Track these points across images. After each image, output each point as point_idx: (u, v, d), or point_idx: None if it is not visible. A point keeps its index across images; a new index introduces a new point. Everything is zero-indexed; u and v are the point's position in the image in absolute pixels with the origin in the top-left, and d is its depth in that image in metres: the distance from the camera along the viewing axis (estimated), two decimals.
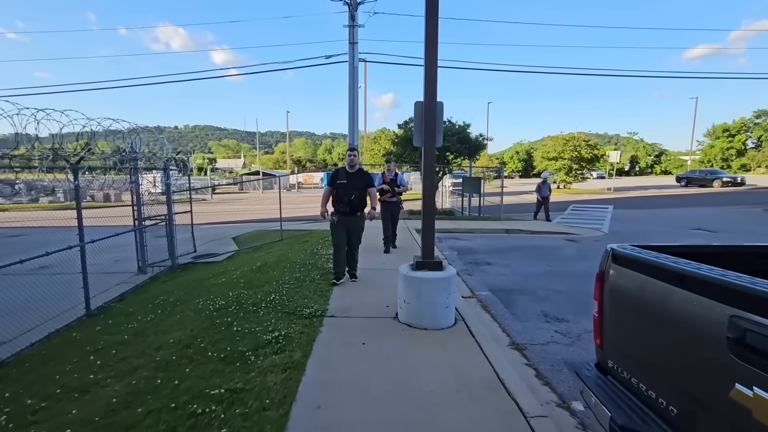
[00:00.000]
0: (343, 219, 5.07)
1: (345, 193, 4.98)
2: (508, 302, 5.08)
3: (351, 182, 5.03)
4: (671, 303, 1.50)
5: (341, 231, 5.08)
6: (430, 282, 3.66)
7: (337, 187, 4.99)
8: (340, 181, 5.01)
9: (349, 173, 5.11)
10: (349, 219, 5.08)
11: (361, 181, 5.11)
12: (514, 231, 11.08)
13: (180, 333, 4.00)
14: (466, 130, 14.28)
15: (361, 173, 5.25)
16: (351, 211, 5.05)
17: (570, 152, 29.72)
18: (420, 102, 3.82)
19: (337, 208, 5.06)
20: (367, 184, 5.17)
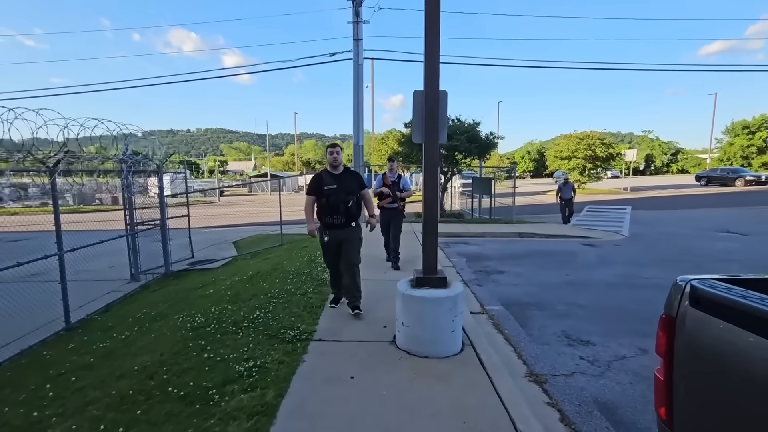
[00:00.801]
0: (335, 234, 4.02)
1: (339, 200, 3.95)
2: (523, 319, 4.49)
3: (343, 185, 4.00)
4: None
5: (334, 248, 4.11)
6: (432, 302, 3.11)
7: (327, 195, 3.97)
8: (328, 186, 3.98)
9: (336, 175, 4.06)
10: (344, 232, 4.05)
11: (355, 182, 4.17)
12: (527, 235, 10.43)
13: (149, 357, 3.53)
14: (475, 129, 13.66)
15: (351, 173, 4.23)
16: (347, 222, 4.03)
17: (584, 151, 28.79)
18: (419, 91, 3.28)
19: (328, 221, 4.00)
20: (361, 186, 4.23)
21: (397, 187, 6.29)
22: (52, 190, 5.38)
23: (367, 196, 4.27)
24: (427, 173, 3.29)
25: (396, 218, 6.41)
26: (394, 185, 6.28)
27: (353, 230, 4.13)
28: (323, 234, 4.05)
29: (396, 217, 6.41)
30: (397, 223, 6.42)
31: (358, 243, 4.21)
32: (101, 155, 6.38)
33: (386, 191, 6.18)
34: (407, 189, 6.42)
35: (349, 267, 4.08)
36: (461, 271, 6.62)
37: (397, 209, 6.33)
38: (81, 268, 8.28)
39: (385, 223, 6.43)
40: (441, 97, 3.23)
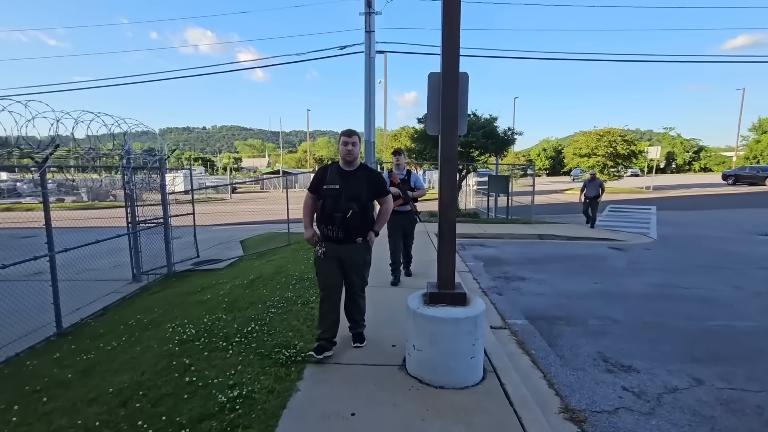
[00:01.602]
0: (334, 249, 3.06)
1: (337, 205, 2.94)
2: (551, 336, 3.97)
3: (348, 187, 2.96)
4: None
5: (332, 267, 3.09)
6: (449, 324, 2.62)
7: (325, 196, 3.00)
8: (330, 185, 2.98)
9: (345, 173, 3.04)
10: (345, 250, 3.05)
11: (366, 184, 3.04)
12: (548, 236, 9.82)
13: (128, 376, 3.15)
14: (492, 124, 13.04)
15: (367, 173, 3.12)
16: (347, 237, 3.00)
17: (604, 148, 27.76)
18: (435, 73, 2.78)
19: (324, 231, 3.06)
20: (376, 190, 3.12)
21: (407, 186, 5.10)
22: (42, 186, 5.06)
23: (386, 206, 3.24)
24: (443, 170, 2.80)
25: (409, 224, 5.22)
26: (404, 183, 5.09)
27: (357, 249, 3.08)
28: (318, 246, 3.09)
29: (408, 223, 5.22)
30: (410, 230, 5.29)
31: (363, 266, 3.19)
32: (95, 151, 6.04)
33: (395, 191, 4.90)
34: (420, 187, 5.20)
35: (353, 293, 3.28)
36: (478, 277, 6.10)
37: (410, 213, 5.13)
38: (85, 267, 8.04)
39: (394, 229, 5.17)
40: (461, 79, 2.73)
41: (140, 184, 7.81)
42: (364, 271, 3.23)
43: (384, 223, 3.22)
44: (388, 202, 3.24)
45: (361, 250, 3.13)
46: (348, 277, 3.18)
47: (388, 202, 3.24)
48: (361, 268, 3.19)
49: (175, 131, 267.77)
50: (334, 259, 3.09)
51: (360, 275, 3.21)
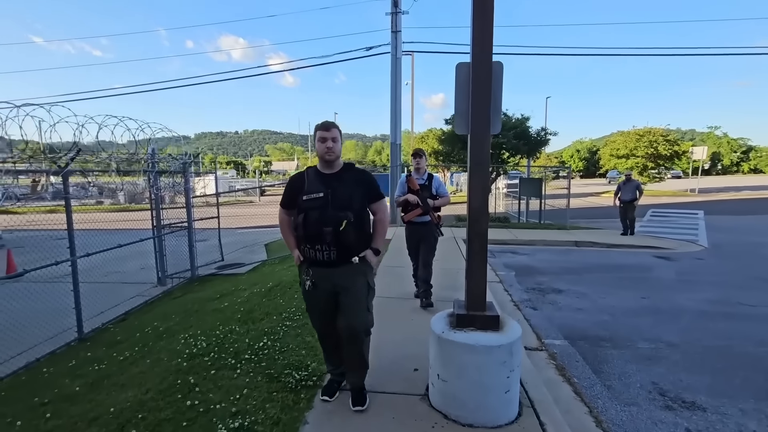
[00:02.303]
0: (326, 276, 2.37)
1: (325, 217, 2.28)
2: (595, 361, 3.51)
3: (336, 192, 2.31)
4: None
5: (327, 300, 2.42)
6: (480, 352, 2.26)
7: (307, 209, 2.32)
8: (310, 195, 2.32)
9: (327, 176, 2.38)
10: (341, 274, 2.36)
11: (359, 189, 2.39)
12: (585, 243, 9.17)
13: (132, 393, 2.98)
14: (524, 124, 12.43)
15: (355, 174, 2.45)
16: (342, 256, 2.32)
17: (644, 149, 26.32)
18: (465, 63, 2.43)
19: (309, 253, 2.35)
20: (369, 192, 2.44)
21: (427, 192, 4.28)
22: (64, 191, 5.05)
23: (381, 215, 2.49)
24: (474, 175, 2.45)
25: (427, 237, 4.35)
26: (424, 189, 4.28)
27: (356, 271, 2.36)
28: (304, 275, 2.41)
29: (427, 236, 4.34)
30: (430, 244, 4.38)
31: (366, 293, 2.43)
32: (118, 156, 6.03)
33: (412, 199, 4.17)
34: (443, 194, 4.38)
35: (352, 334, 2.39)
36: (510, 289, 5.65)
37: (430, 224, 4.29)
38: (113, 269, 8.18)
39: (412, 243, 4.54)
40: (495, 70, 2.37)
41: (167, 188, 7.86)
42: (367, 299, 2.43)
43: (383, 237, 2.50)
44: (382, 210, 2.50)
45: (361, 271, 2.39)
46: (346, 310, 2.39)
47: (382, 210, 2.50)
48: (364, 295, 2.40)
49: (209, 136, 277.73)
50: (327, 289, 2.38)
51: (362, 305, 2.40)
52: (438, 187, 4.40)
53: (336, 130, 2.37)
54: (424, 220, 4.29)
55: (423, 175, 4.42)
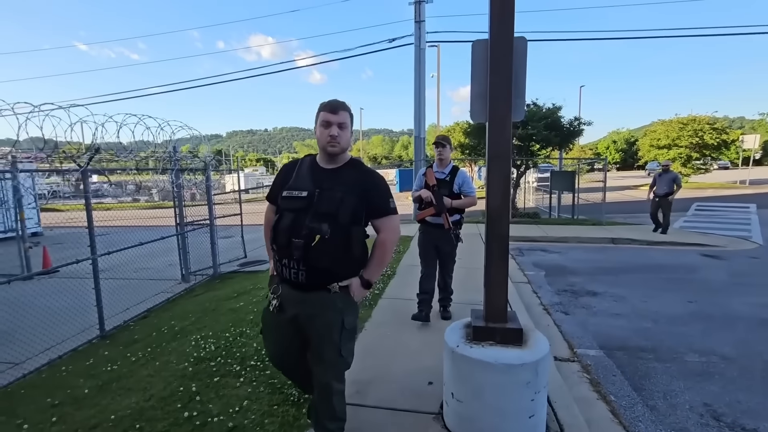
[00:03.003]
0: (290, 298, 1.83)
1: (298, 225, 1.74)
2: (636, 376, 3.12)
3: (324, 194, 1.77)
4: None
5: (286, 331, 1.91)
6: (499, 372, 1.97)
7: (283, 209, 1.84)
8: (291, 192, 1.82)
9: (324, 171, 1.85)
10: (309, 303, 1.80)
11: (355, 192, 1.79)
12: (622, 241, 8.55)
13: (136, 399, 2.90)
14: (556, 114, 11.77)
15: (359, 172, 1.86)
16: (312, 280, 1.76)
17: (689, 138, 24.63)
18: (482, 41, 2.12)
19: (278, 266, 1.86)
20: (371, 203, 1.83)
21: (446, 189, 3.56)
22: (84, 189, 5.08)
23: (386, 235, 1.86)
24: (492, 169, 2.14)
25: (442, 243, 3.65)
26: (442, 185, 3.56)
27: (328, 302, 1.79)
28: (271, 292, 1.90)
29: (442, 242, 3.64)
30: (446, 252, 3.72)
31: (341, 335, 1.82)
32: (136, 155, 6.06)
33: (425, 195, 3.53)
34: (468, 192, 3.63)
35: (320, 384, 1.88)
36: (539, 290, 5.26)
37: (446, 226, 3.52)
38: (141, 265, 8.33)
39: (425, 247, 3.80)
40: (517, 46, 2.05)
41: (190, 186, 7.93)
42: (341, 343, 1.82)
43: (381, 265, 1.89)
44: (390, 229, 1.86)
45: (338, 305, 1.79)
46: (313, 351, 1.85)
47: (390, 229, 1.86)
48: (336, 337, 1.80)
49: (240, 134, 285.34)
50: (291, 317, 1.82)
51: (334, 350, 1.81)
52: (462, 183, 3.62)
53: (346, 113, 1.81)
54: (440, 222, 3.57)
55: (446, 168, 3.71)
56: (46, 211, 16.59)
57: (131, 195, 29.71)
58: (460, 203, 3.61)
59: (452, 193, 3.59)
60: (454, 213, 3.61)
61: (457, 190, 3.62)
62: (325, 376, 1.85)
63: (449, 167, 3.74)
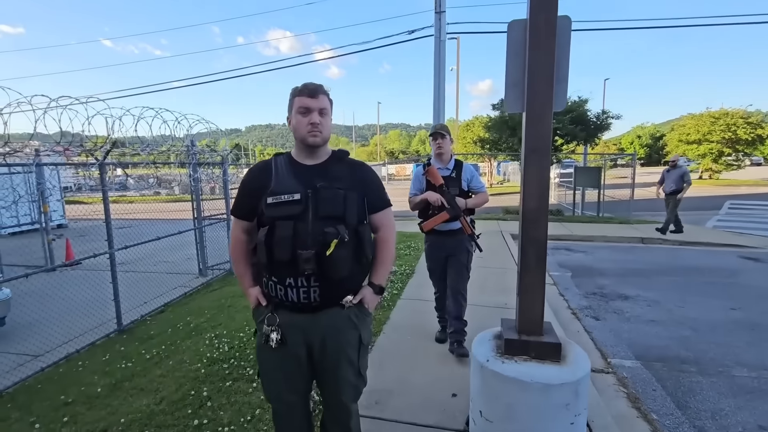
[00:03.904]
0: (294, 325, 1.51)
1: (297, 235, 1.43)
2: (678, 391, 2.86)
3: (317, 195, 1.47)
4: None
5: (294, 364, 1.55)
6: (535, 392, 1.77)
7: (274, 218, 1.46)
8: (278, 197, 1.46)
9: (309, 168, 1.55)
10: (323, 325, 1.52)
11: (353, 190, 1.54)
12: (653, 240, 8.14)
13: (147, 401, 2.82)
14: (582, 108, 11.30)
15: (347, 164, 1.62)
16: (323, 299, 1.49)
17: (720, 133, 23.53)
18: (520, 21, 1.90)
19: (272, 289, 1.52)
20: (369, 195, 1.61)
21: (456, 188, 2.98)
22: (101, 183, 5.05)
23: (387, 232, 1.68)
24: (530, 164, 1.92)
25: (458, 254, 3.06)
26: (450, 184, 2.97)
27: (343, 319, 1.55)
28: (266, 324, 1.52)
29: (458, 252, 3.06)
30: (461, 263, 3.07)
31: (356, 351, 1.60)
32: (155, 149, 6.03)
33: (434, 199, 2.88)
34: (477, 188, 3.07)
35: (337, 409, 1.66)
36: (566, 293, 4.99)
37: (461, 234, 2.98)
38: (162, 259, 8.39)
39: (434, 260, 3.23)
40: (561, 26, 1.82)
41: (208, 180, 7.92)
42: (360, 361, 1.61)
43: (388, 266, 1.68)
44: (389, 225, 1.68)
45: (351, 322, 1.56)
46: (329, 377, 1.59)
47: (389, 225, 1.68)
48: (355, 356, 1.59)
49: (258, 128, 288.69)
50: (298, 349, 1.53)
51: (353, 370, 1.59)
52: (470, 179, 3.05)
53: (325, 97, 1.54)
54: (452, 228, 2.96)
55: (448, 164, 3.07)
56: (72, 204, 16.99)
57: (153, 188, 30.29)
58: (473, 202, 3.02)
59: (462, 191, 3.02)
60: (468, 214, 3.04)
61: (466, 187, 3.05)
62: (342, 398, 1.61)
63: (451, 162, 3.11)
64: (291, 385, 1.59)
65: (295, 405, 1.63)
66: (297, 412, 1.65)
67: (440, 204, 2.87)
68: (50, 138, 4.93)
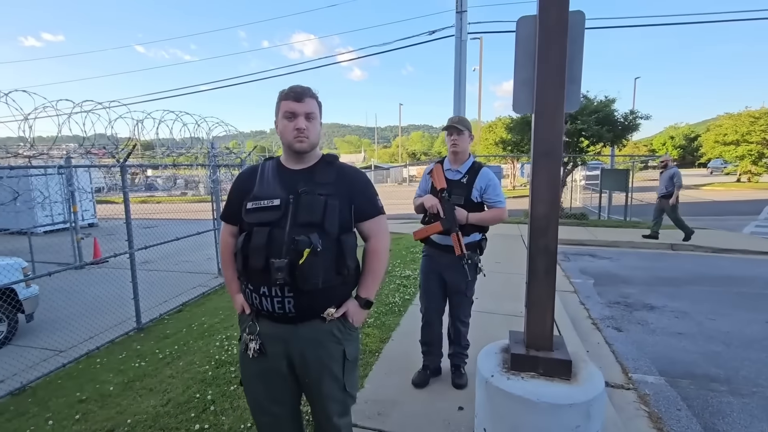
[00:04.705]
0: (273, 335, 1.46)
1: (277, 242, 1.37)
2: (706, 412, 2.66)
3: (301, 200, 1.41)
4: None
5: (275, 376, 1.50)
6: (542, 412, 1.66)
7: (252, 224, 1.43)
8: (258, 203, 1.44)
9: (294, 172, 1.51)
10: (301, 337, 1.45)
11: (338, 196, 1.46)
12: (684, 247, 7.73)
13: (155, 402, 2.86)
14: (609, 107, 10.89)
15: (336, 169, 1.54)
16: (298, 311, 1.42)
17: (761, 133, 22.29)
18: (528, 17, 1.79)
19: (252, 299, 1.47)
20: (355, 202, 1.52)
21: (462, 195, 2.47)
22: (123, 185, 5.19)
23: (377, 242, 1.57)
24: (539, 168, 1.81)
25: (455, 274, 2.51)
26: (455, 189, 2.49)
27: (325, 333, 1.47)
28: (247, 332, 1.49)
29: (455, 272, 2.50)
30: (459, 289, 2.58)
31: (340, 367, 1.51)
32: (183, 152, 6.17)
33: (429, 204, 2.46)
34: (493, 201, 2.50)
35: (325, 424, 1.57)
36: (587, 301, 4.78)
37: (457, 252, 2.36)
38: (184, 258, 8.59)
39: (429, 277, 2.69)
40: (573, 22, 1.70)
41: (227, 181, 8.07)
42: (345, 377, 1.53)
43: (378, 279, 1.58)
44: (380, 234, 1.58)
45: (335, 335, 1.49)
46: (312, 393, 1.53)
47: (380, 234, 1.58)
48: (339, 372, 1.51)
49: None
50: (278, 361, 1.47)
51: (337, 387, 1.52)
52: (485, 188, 2.48)
53: (313, 101, 1.48)
54: (449, 242, 2.42)
55: (462, 165, 2.55)
56: (103, 203, 17.66)
57: (179, 189, 31.22)
58: (480, 218, 2.45)
59: (470, 201, 2.46)
60: (471, 231, 2.47)
61: (478, 198, 2.48)
62: (327, 416, 1.54)
63: (467, 164, 2.55)
64: (273, 396, 1.53)
65: (279, 418, 1.56)
66: (283, 427, 1.58)
67: (436, 211, 2.42)
68: (74, 140, 5.12)
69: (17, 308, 4.40)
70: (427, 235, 2.53)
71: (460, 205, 2.43)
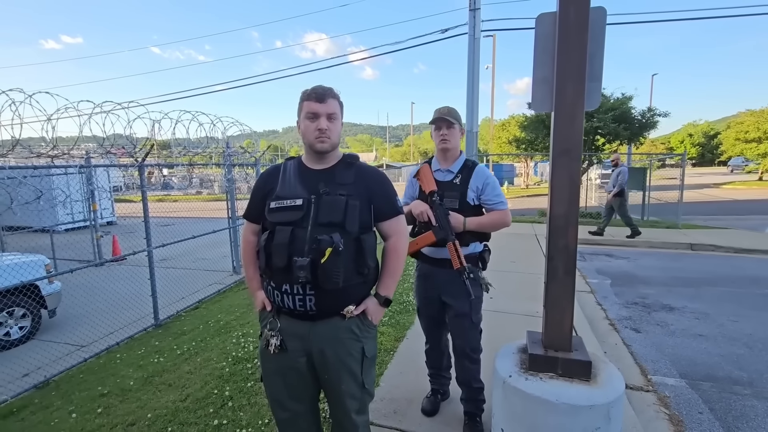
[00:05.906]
0: (293, 332, 1.48)
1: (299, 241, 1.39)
2: (728, 415, 2.60)
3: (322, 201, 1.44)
4: None
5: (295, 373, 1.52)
6: (561, 413, 1.64)
7: (274, 223, 1.45)
8: (281, 202, 1.46)
9: (316, 172, 1.52)
10: (321, 334, 1.47)
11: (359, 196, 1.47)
12: (703, 246, 7.55)
13: (174, 397, 2.91)
14: (626, 105, 10.69)
15: (356, 169, 1.54)
16: (319, 309, 1.44)
17: None
18: (548, 14, 1.77)
19: (271, 293, 1.51)
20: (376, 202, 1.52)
21: (455, 198, 2.08)
22: (141, 184, 5.29)
23: (397, 241, 1.58)
24: (558, 167, 1.79)
25: (455, 294, 2.09)
26: (447, 192, 2.10)
27: (345, 330, 1.49)
28: (268, 328, 1.51)
29: (455, 292, 2.09)
30: (462, 312, 2.12)
31: (363, 366, 1.53)
32: (199, 152, 6.27)
33: (417, 211, 2.08)
34: (492, 203, 2.09)
35: (344, 421, 1.57)
36: (604, 302, 4.71)
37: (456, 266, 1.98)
38: (201, 256, 8.74)
39: (425, 299, 2.27)
40: (594, 18, 1.68)
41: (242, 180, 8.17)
42: (363, 375, 1.53)
43: (397, 277, 1.58)
44: (400, 233, 1.58)
45: (355, 332, 1.50)
46: (331, 389, 1.53)
47: (400, 233, 1.58)
48: (357, 369, 1.51)
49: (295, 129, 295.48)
50: (298, 358, 1.49)
51: (356, 384, 1.52)
52: (482, 189, 2.10)
53: (335, 101, 1.49)
54: (446, 256, 2.04)
55: (453, 165, 2.18)
56: (122, 202, 18.03)
57: (195, 188, 31.70)
58: (479, 223, 2.08)
59: (466, 205, 2.08)
60: (470, 240, 2.10)
61: (475, 200, 2.10)
62: (345, 412, 1.54)
63: (459, 162, 2.18)
64: (292, 393, 1.55)
65: (298, 414, 1.58)
66: (302, 424, 1.60)
67: (426, 219, 2.06)
68: (93, 140, 5.24)
69: (40, 304, 4.52)
70: (418, 248, 2.12)
71: (454, 210, 2.05)
